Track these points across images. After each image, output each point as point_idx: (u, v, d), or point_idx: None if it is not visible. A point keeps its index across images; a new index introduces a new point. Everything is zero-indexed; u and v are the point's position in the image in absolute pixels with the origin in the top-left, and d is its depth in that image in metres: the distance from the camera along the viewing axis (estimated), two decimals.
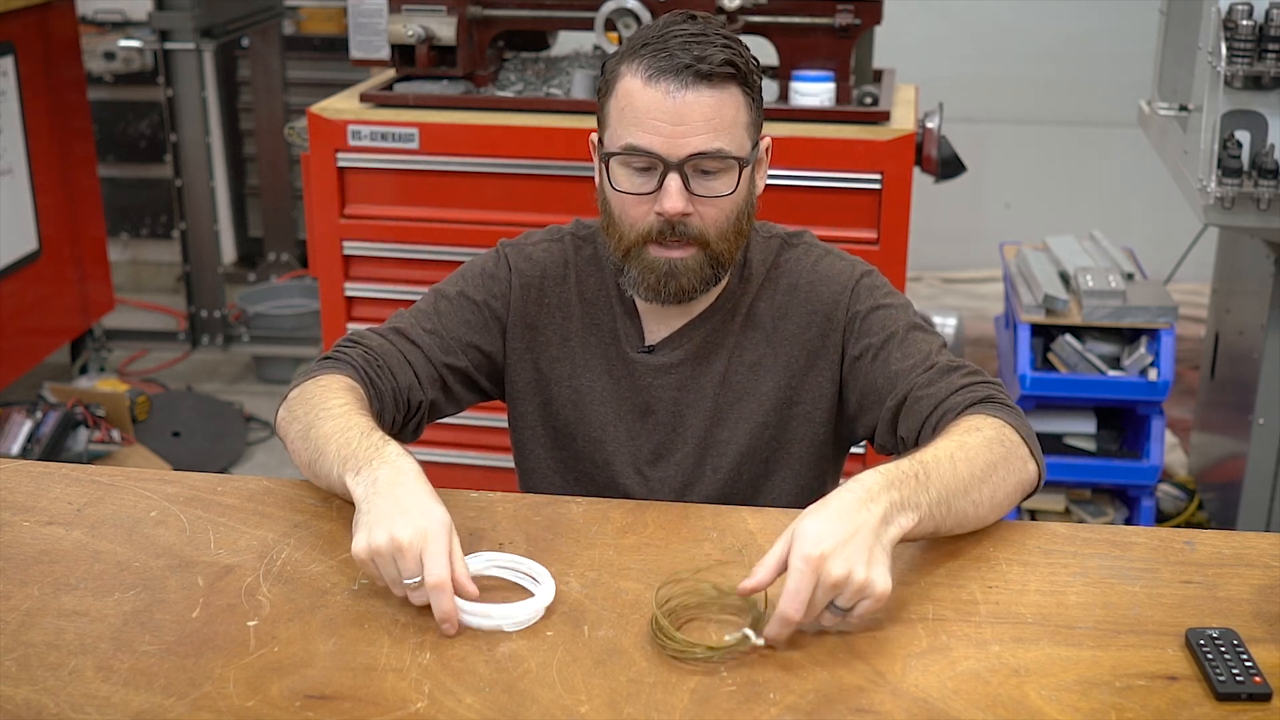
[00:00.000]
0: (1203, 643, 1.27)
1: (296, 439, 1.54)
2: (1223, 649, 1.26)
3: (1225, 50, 2.47)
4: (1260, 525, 2.95)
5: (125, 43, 4.70)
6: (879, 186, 2.69)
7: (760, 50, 2.24)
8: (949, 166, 2.87)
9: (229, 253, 5.05)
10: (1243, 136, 2.54)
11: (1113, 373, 3.01)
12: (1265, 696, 1.21)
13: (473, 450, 2.96)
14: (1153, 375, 2.97)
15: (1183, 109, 2.84)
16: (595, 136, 1.65)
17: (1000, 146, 4.86)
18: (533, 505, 1.57)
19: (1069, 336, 3.05)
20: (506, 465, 1.84)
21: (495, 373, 1.76)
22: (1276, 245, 2.80)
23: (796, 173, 2.69)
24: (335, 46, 4.81)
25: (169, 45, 4.05)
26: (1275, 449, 2.92)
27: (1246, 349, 3.02)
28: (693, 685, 1.23)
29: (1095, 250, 3.34)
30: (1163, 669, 1.26)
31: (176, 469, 3.45)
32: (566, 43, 3.33)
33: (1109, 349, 3.05)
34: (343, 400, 1.53)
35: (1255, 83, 2.52)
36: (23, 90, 3.57)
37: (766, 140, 1.65)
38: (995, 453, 1.45)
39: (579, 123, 2.75)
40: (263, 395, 4.20)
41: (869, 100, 2.76)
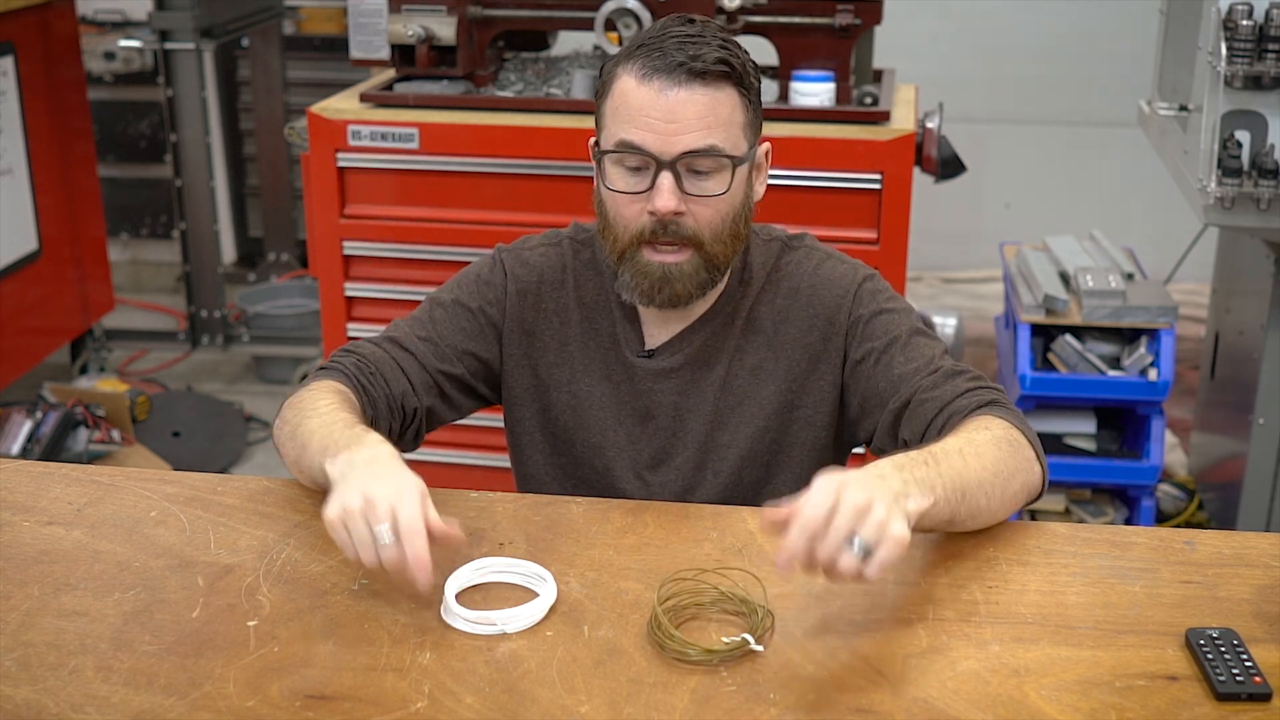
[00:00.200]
0: (1203, 643, 1.27)
1: (285, 440, 1.55)
2: (1223, 649, 1.26)
3: (1225, 50, 2.47)
4: (1260, 525, 2.95)
5: (125, 43, 4.70)
6: (879, 186, 2.69)
7: (760, 50, 2.24)
8: (949, 166, 2.86)
9: (229, 253, 5.05)
10: (1243, 136, 2.54)
11: (1113, 373, 3.01)
12: (1265, 696, 1.21)
13: (473, 450, 2.96)
14: (1153, 375, 2.97)
15: (1183, 109, 2.84)
16: (593, 140, 1.65)
17: (1000, 146, 4.86)
18: (533, 505, 1.57)
19: (1069, 336, 3.05)
20: (507, 465, 1.83)
21: (493, 379, 1.75)
22: (1276, 245, 2.80)
23: (796, 173, 2.69)
24: (335, 46, 4.81)
25: (169, 45, 4.05)
26: (1275, 449, 2.92)
27: (1246, 349, 3.02)
28: (693, 685, 1.23)
29: (1095, 250, 3.34)
30: (1163, 669, 1.25)
31: (176, 469, 3.45)
32: (566, 43, 3.33)
33: (1109, 349, 3.05)
34: (330, 401, 1.53)
35: (1255, 83, 2.52)
36: (23, 90, 3.57)
37: (766, 145, 1.64)
38: (1003, 450, 1.45)
39: (579, 123, 2.75)
40: (263, 395, 4.20)
41: (869, 100, 2.76)
